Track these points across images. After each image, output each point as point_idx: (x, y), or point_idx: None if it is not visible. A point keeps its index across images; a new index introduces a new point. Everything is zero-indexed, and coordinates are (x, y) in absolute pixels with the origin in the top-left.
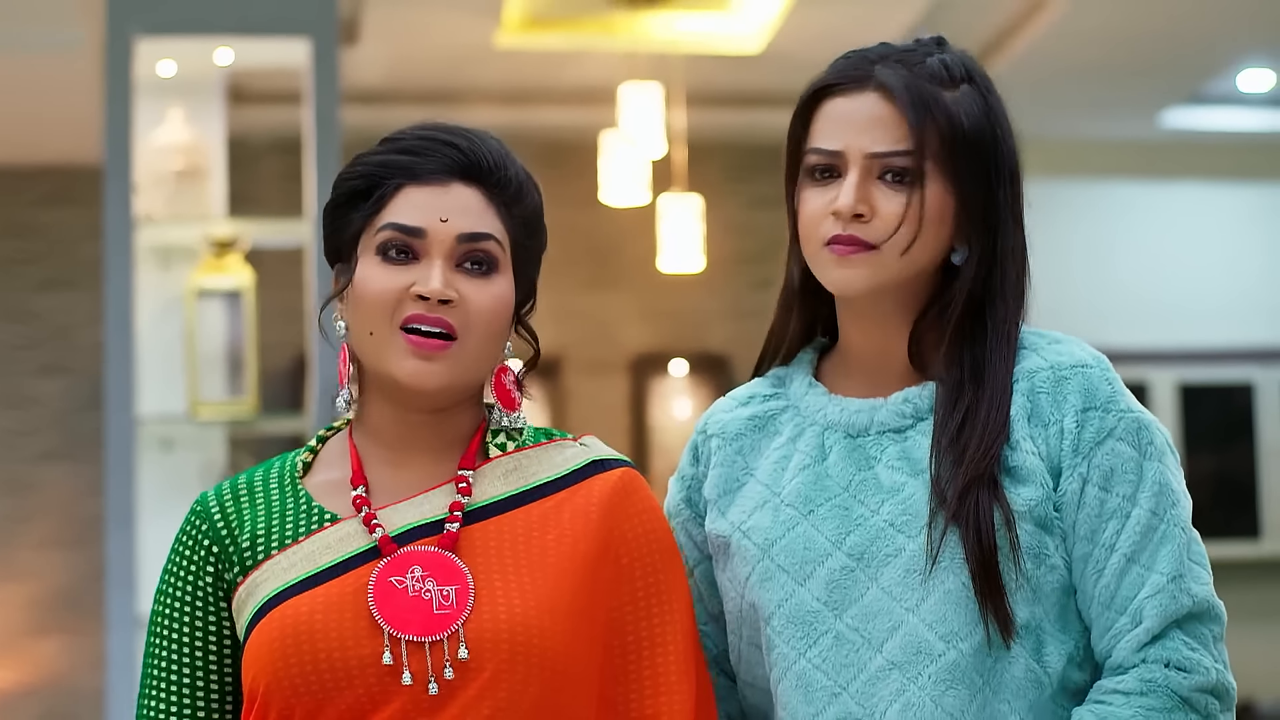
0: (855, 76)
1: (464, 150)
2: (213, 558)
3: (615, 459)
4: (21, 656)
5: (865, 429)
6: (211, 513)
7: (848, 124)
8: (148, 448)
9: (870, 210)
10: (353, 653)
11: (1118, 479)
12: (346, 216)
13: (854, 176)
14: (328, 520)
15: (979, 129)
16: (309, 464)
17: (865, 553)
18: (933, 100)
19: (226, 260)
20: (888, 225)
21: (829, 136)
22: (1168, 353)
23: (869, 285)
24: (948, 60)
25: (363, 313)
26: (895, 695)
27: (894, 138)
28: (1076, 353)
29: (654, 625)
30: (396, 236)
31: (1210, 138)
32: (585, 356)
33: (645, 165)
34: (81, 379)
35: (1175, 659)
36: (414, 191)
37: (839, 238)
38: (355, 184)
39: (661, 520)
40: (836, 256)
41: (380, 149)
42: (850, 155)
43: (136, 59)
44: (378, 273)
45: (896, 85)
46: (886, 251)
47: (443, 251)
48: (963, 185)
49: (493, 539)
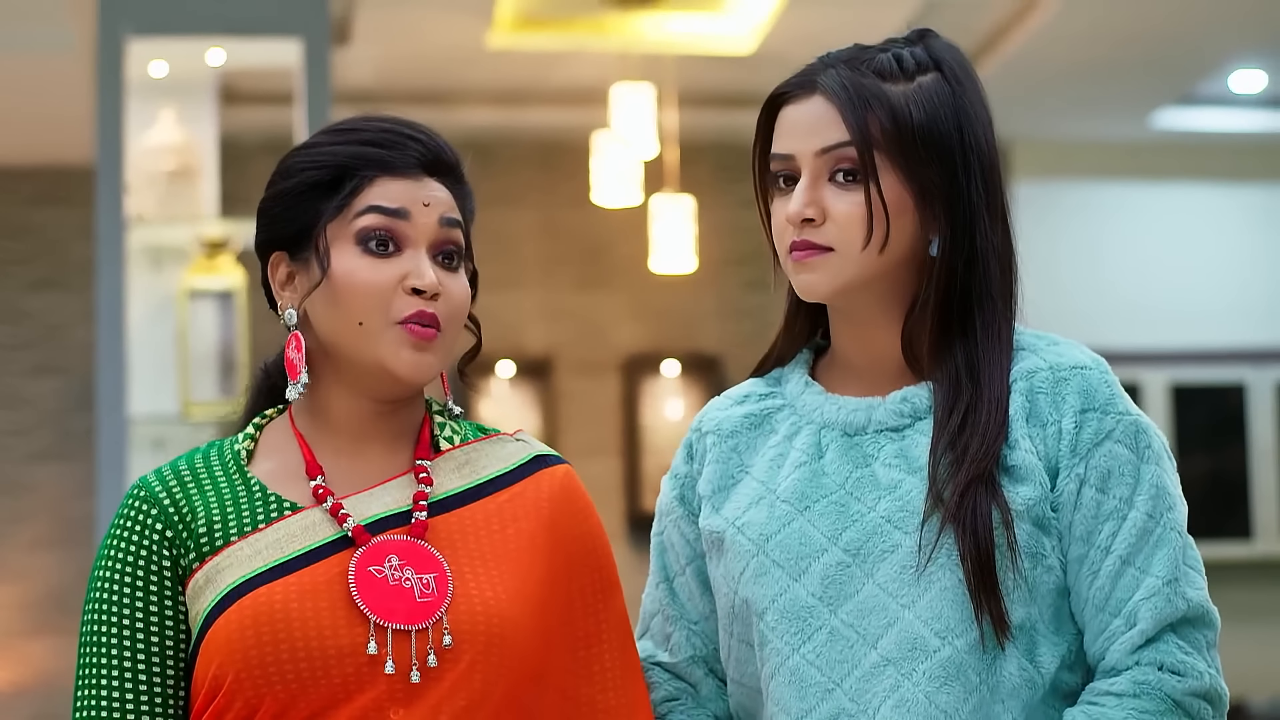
0: (802, 83)
1: (427, 145)
2: (167, 542)
3: (555, 455)
4: (13, 657)
5: (863, 428)
6: (159, 497)
7: (795, 129)
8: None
9: (821, 213)
10: (330, 641)
11: (1115, 481)
12: (309, 206)
13: (804, 180)
14: (288, 509)
15: (932, 119)
16: (251, 451)
17: (861, 548)
18: (873, 95)
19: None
20: (839, 226)
21: (781, 142)
22: (1159, 353)
23: (831, 287)
24: (904, 54)
25: (351, 305)
26: (889, 691)
27: (836, 133)
28: (1076, 354)
29: (600, 620)
30: (380, 221)
31: (1202, 138)
32: (577, 357)
33: (637, 166)
34: (73, 379)
35: (1169, 662)
36: (390, 182)
37: (795, 244)
38: (317, 174)
39: (598, 518)
40: (795, 262)
41: (335, 139)
42: (800, 158)
43: (128, 59)
44: (363, 264)
45: (834, 85)
46: (843, 250)
47: (426, 239)
48: (919, 176)
49: (456, 531)
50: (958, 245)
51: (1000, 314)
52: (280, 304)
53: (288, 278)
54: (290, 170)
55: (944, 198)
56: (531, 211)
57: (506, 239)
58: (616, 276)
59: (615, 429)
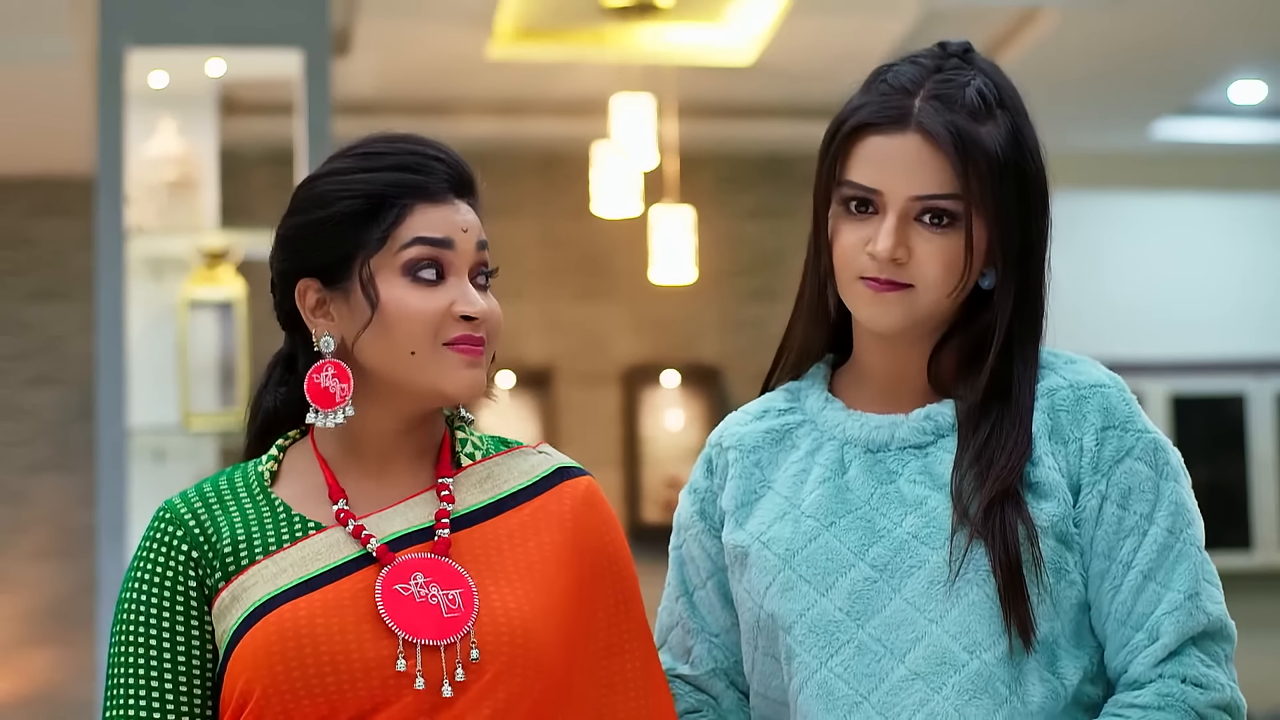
0: (894, 116)
1: (452, 165)
2: (193, 563)
3: (577, 467)
4: (13, 668)
5: (886, 444)
6: (185, 519)
7: (887, 164)
8: (139, 459)
9: (908, 253)
10: (356, 655)
11: (1135, 497)
12: (347, 237)
13: (892, 220)
14: (312, 528)
15: (1015, 161)
16: (274, 473)
17: (889, 564)
18: (973, 141)
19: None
20: (924, 268)
21: (868, 174)
22: (1160, 364)
23: (903, 324)
24: (983, 88)
25: (400, 335)
26: (919, 705)
27: (938, 182)
28: (1094, 373)
29: (623, 630)
30: (427, 252)
31: (1202, 149)
32: (577, 368)
33: (637, 176)
34: (73, 390)
35: (1192, 675)
36: (429, 209)
37: (875, 279)
38: (354, 204)
39: (621, 530)
40: (871, 293)
41: (365, 165)
42: (890, 197)
43: (128, 70)
44: (413, 295)
45: (938, 129)
46: (923, 292)
47: (467, 264)
48: (1001, 220)
49: (479, 546)
50: (1009, 278)
51: (1035, 334)
52: (315, 331)
53: (318, 304)
54: (324, 199)
55: (1017, 237)
56: (531, 222)
57: (506, 250)
58: (616, 287)
59: (615, 440)
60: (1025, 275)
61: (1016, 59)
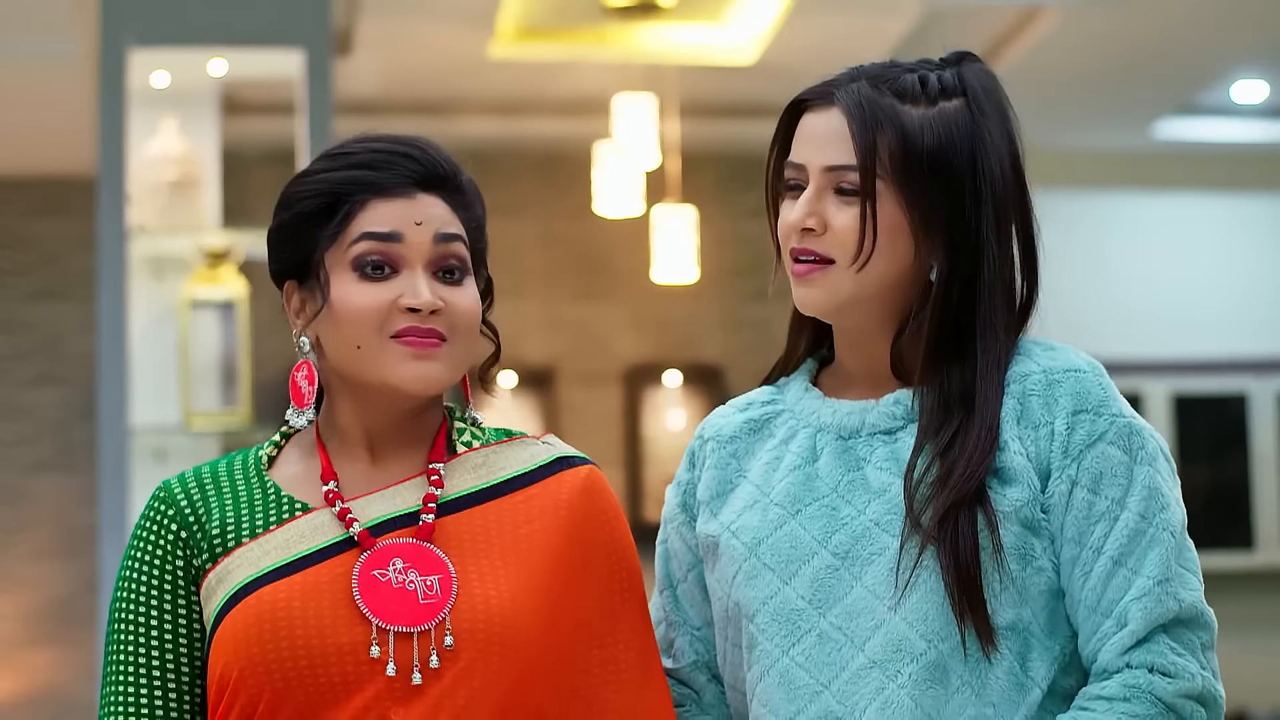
0: (823, 93)
1: (420, 160)
2: (181, 543)
3: (580, 457)
4: (15, 667)
5: (856, 430)
6: (178, 499)
7: (810, 139)
8: (141, 458)
9: (821, 224)
10: (330, 639)
11: (1107, 482)
12: (308, 235)
13: (809, 191)
14: (299, 510)
15: (944, 148)
16: (274, 458)
17: (850, 552)
18: (887, 116)
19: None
20: (838, 238)
21: (797, 150)
22: (1161, 363)
23: (826, 303)
24: (931, 77)
25: (347, 330)
26: (875, 693)
27: (847, 152)
28: (1070, 358)
29: (618, 620)
30: (374, 246)
31: (1204, 148)
32: (579, 367)
33: (639, 176)
34: (74, 389)
35: (1159, 664)
36: (381, 205)
37: (795, 251)
38: (312, 203)
39: (624, 519)
40: (796, 276)
41: (329, 165)
42: (810, 169)
43: (130, 69)
44: (358, 290)
45: (850, 102)
46: (840, 266)
47: (421, 258)
48: (920, 203)
49: (465, 531)
50: (956, 275)
51: (1002, 345)
52: (294, 332)
53: (300, 305)
54: (290, 200)
55: (944, 224)
56: (533, 222)
57: (508, 249)
58: (618, 287)
59: (616, 439)
60: (976, 274)
61: (1017, 59)
